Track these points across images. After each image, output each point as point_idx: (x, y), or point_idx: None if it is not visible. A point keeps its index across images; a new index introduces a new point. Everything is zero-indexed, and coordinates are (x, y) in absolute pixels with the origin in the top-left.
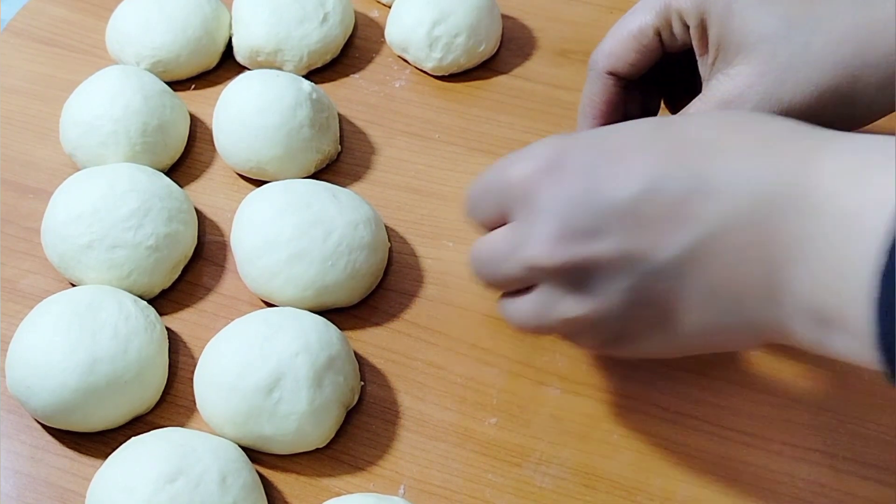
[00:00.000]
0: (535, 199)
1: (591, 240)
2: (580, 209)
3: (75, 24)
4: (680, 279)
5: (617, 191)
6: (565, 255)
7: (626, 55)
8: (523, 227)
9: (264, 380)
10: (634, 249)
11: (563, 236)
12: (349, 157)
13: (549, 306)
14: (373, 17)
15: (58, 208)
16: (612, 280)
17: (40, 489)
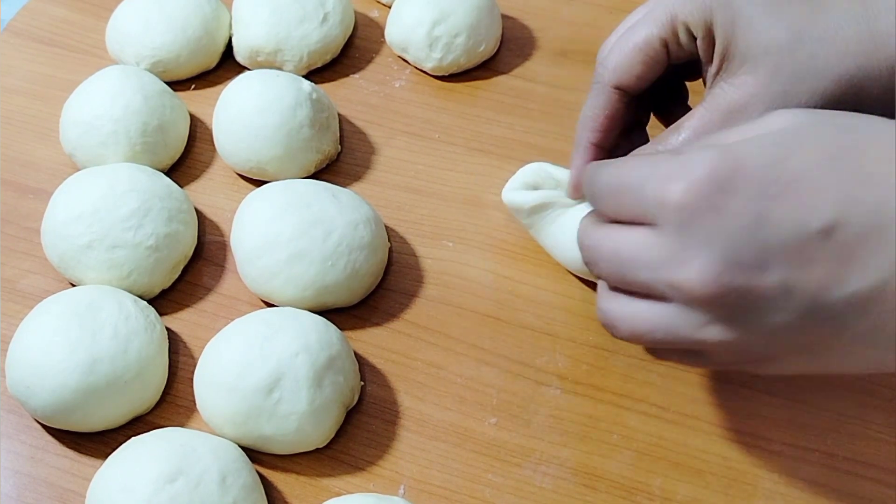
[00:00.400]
0: (696, 223)
1: (753, 274)
2: (747, 242)
3: (75, 24)
4: (843, 320)
5: (789, 227)
6: (723, 287)
7: (632, 68)
8: (675, 246)
9: (264, 380)
10: (800, 287)
11: (723, 268)
12: (349, 157)
13: (686, 327)
14: (373, 17)
15: (58, 208)
16: (769, 314)
17: (40, 489)
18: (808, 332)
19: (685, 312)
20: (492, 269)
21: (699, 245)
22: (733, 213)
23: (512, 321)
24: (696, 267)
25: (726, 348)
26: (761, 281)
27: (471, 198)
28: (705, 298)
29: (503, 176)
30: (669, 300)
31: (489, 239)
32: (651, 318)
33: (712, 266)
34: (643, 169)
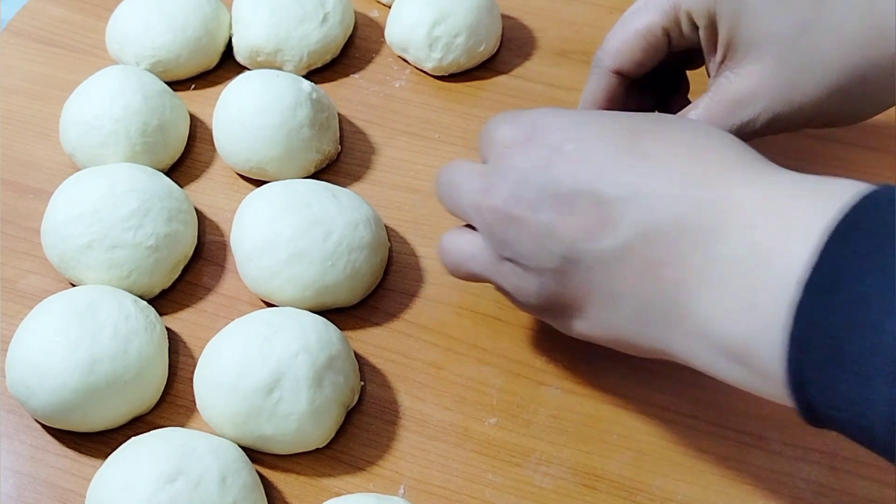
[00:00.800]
0: (504, 160)
1: (528, 208)
2: (532, 183)
3: (75, 24)
4: (590, 274)
5: (560, 179)
6: (505, 213)
7: (632, 54)
8: (490, 177)
9: (264, 380)
10: (559, 231)
11: (509, 198)
12: (349, 157)
13: (487, 259)
14: (373, 17)
15: (58, 208)
16: (536, 252)
17: (40, 489)
18: (567, 283)
19: (486, 243)
20: None
21: (501, 177)
22: (532, 157)
23: (512, 321)
24: (492, 192)
25: (515, 286)
26: (531, 216)
27: None
28: (491, 219)
29: None
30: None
31: None
32: (472, 247)
33: (501, 193)
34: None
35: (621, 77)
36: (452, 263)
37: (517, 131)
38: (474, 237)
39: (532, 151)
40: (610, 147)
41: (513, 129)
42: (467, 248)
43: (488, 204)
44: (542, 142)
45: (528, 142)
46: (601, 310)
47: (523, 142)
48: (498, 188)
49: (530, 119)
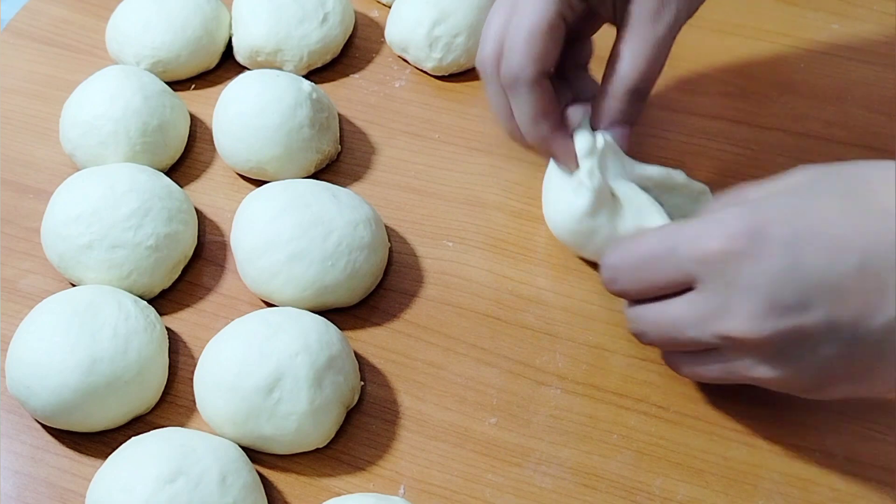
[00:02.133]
0: (736, 273)
1: (797, 314)
2: (786, 285)
3: (75, 24)
4: (883, 345)
5: (822, 268)
6: (771, 329)
7: (546, 53)
8: (718, 299)
9: (264, 380)
10: (841, 320)
11: (769, 311)
12: (349, 157)
13: (740, 368)
14: (373, 17)
15: (58, 208)
16: (817, 348)
17: (40, 489)
18: (853, 361)
19: (737, 357)
20: (492, 269)
21: (743, 293)
22: (770, 259)
23: (512, 321)
24: (743, 314)
25: (778, 381)
26: (806, 319)
27: (471, 198)
28: (756, 343)
29: (503, 176)
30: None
31: (489, 239)
32: (711, 367)
33: (759, 311)
34: (667, 237)
35: (545, 76)
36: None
37: (734, 241)
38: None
39: (763, 253)
40: (845, 217)
41: (728, 241)
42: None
43: (744, 327)
44: (769, 241)
45: (753, 246)
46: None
47: (748, 248)
48: (747, 308)
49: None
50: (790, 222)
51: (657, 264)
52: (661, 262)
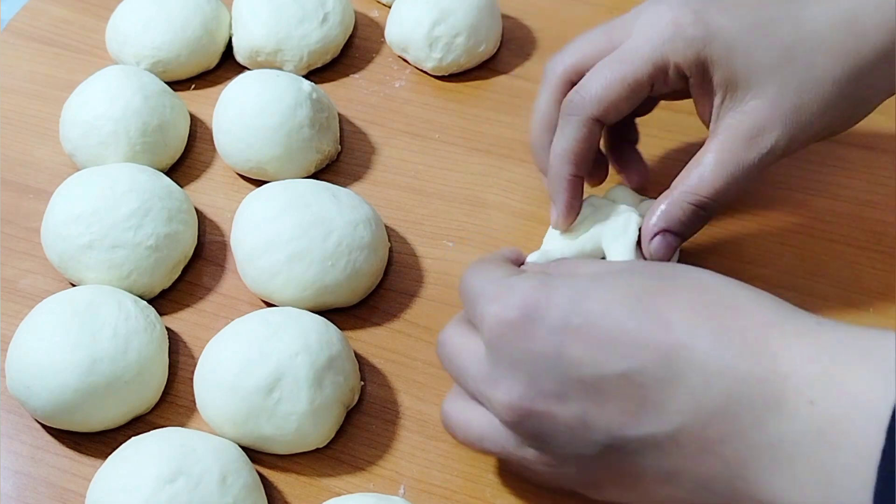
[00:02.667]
0: (508, 346)
1: (553, 402)
2: (547, 371)
3: (75, 24)
4: (639, 457)
5: (586, 364)
6: (524, 411)
7: (618, 103)
8: (491, 364)
9: (264, 380)
10: (597, 421)
11: (527, 391)
12: (349, 157)
13: (508, 441)
14: (373, 17)
15: (58, 208)
16: (572, 443)
17: (40, 489)
18: (612, 465)
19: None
20: None
21: (507, 367)
22: (538, 341)
23: None
24: (503, 388)
25: (546, 470)
26: (560, 410)
27: (471, 198)
28: (511, 419)
29: (503, 176)
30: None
31: (489, 239)
32: (481, 427)
33: (515, 390)
34: (481, 284)
35: (600, 125)
36: (461, 438)
37: (508, 312)
38: (484, 414)
39: (533, 335)
40: (624, 316)
41: (503, 310)
42: (475, 428)
43: (503, 401)
44: (541, 322)
45: (525, 324)
46: (658, 486)
47: (519, 325)
48: (509, 383)
49: (519, 297)
50: (569, 309)
51: (466, 303)
52: (467, 304)
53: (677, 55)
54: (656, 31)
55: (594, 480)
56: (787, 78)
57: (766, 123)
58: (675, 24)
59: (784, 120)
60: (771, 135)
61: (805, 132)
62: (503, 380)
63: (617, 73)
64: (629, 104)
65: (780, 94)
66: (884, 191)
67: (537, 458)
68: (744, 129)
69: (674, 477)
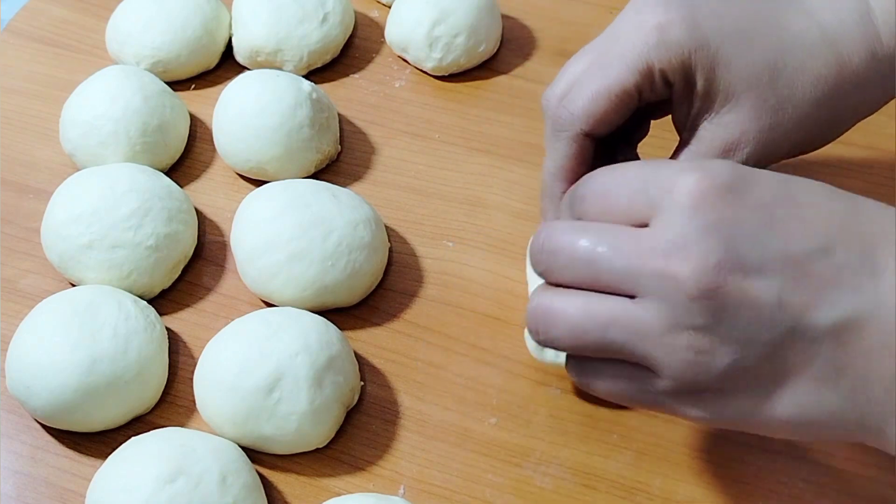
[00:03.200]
0: (707, 212)
1: (752, 276)
2: (752, 242)
3: (75, 24)
4: (817, 347)
5: (793, 239)
6: (718, 282)
7: (605, 115)
8: (676, 233)
9: (264, 380)
10: (792, 302)
11: (724, 262)
12: (349, 157)
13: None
14: (373, 17)
15: (58, 208)
16: (751, 325)
17: (40, 489)
18: (778, 357)
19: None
20: (492, 269)
21: (705, 233)
22: (746, 213)
23: (512, 321)
24: (697, 255)
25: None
26: (756, 284)
27: (471, 198)
28: (700, 290)
29: (503, 176)
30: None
31: (489, 239)
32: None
33: (714, 254)
34: (646, 170)
35: (591, 139)
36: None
37: (716, 177)
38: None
39: (742, 202)
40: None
41: (707, 176)
42: (602, 314)
43: (696, 268)
44: (750, 194)
45: (734, 190)
46: (814, 386)
47: (727, 190)
48: (707, 247)
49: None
50: (778, 187)
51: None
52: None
53: (662, 61)
54: (640, 38)
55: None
56: (766, 94)
57: (741, 139)
58: (660, 29)
59: (758, 136)
60: (743, 151)
61: (775, 151)
62: (698, 244)
63: (602, 84)
64: (619, 115)
65: (758, 111)
66: (884, 191)
67: (689, 343)
68: (717, 142)
69: (839, 374)
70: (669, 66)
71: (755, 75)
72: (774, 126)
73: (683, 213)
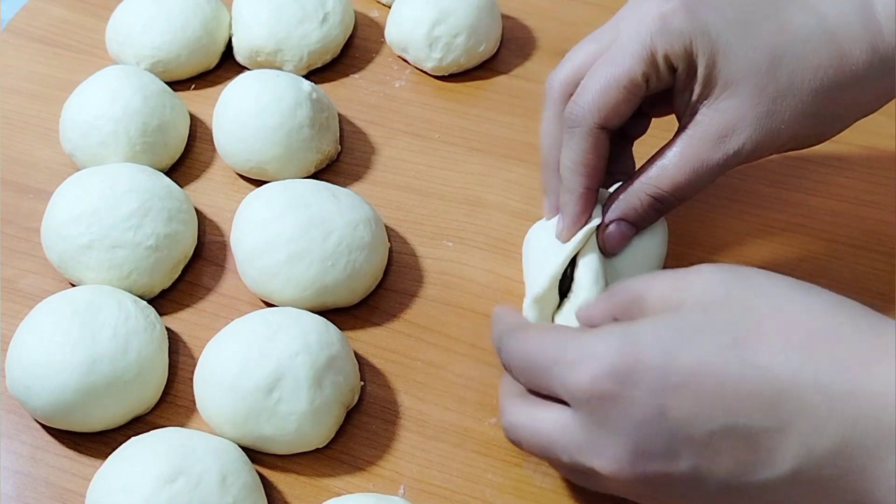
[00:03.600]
0: (604, 414)
1: (664, 462)
2: (652, 433)
3: (75, 24)
4: (755, 500)
5: (691, 421)
6: (637, 473)
7: (617, 106)
8: (587, 434)
9: (264, 380)
10: (710, 474)
11: (634, 457)
12: (349, 157)
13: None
14: (373, 17)
15: (58, 208)
16: (686, 494)
17: (40, 489)
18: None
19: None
20: (492, 269)
21: (610, 434)
22: (637, 405)
23: None
24: (610, 455)
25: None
26: (673, 468)
27: (471, 198)
28: (622, 483)
29: (503, 176)
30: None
31: (489, 239)
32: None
33: (624, 455)
34: (549, 351)
35: (606, 131)
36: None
37: (599, 382)
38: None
39: (632, 400)
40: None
41: (592, 380)
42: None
43: (612, 470)
44: (636, 386)
45: (621, 391)
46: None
47: (615, 393)
48: (614, 451)
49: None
50: (661, 366)
51: (534, 373)
52: (537, 374)
53: (665, 47)
54: (643, 27)
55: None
56: (765, 82)
57: (737, 125)
58: (662, 18)
59: (756, 124)
60: (739, 137)
61: (773, 140)
62: (606, 448)
63: (610, 76)
64: (629, 105)
65: (756, 97)
66: (884, 191)
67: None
68: (714, 127)
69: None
70: (673, 52)
71: (754, 63)
72: (772, 114)
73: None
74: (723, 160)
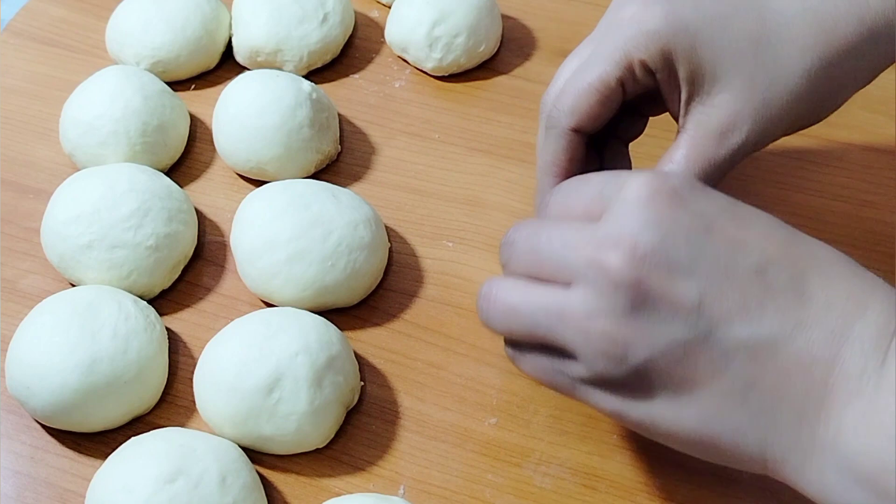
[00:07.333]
0: (647, 210)
1: (677, 275)
2: (686, 243)
3: (75, 24)
4: (730, 359)
5: (727, 250)
6: (642, 273)
7: (590, 109)
8: (613, 227)
9: (264, 380)
10: (712, 309)
11: (652, 256)
12: (349, 157)
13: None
14: (373, 17)
15: (57, 208)
16: (666, 323)
17: (40, 489)
18: (690, 362)
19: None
20: (492, 269)
21: (641, 228)
22: (686, 216)
23: None
24: (627, 246)
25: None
26: (680, 284)
27: (471, 198)
28: (620, 279)
29: (503, 176)
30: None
31: (489, 239)
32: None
33: (644, 248)
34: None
35: (580, 134)
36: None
37: (662, 182)
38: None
39: (684, 206)
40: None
41: (654, 180)
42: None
43: (619, 256)
44: (693, 202)
45: (678, 196)
46: (722, 399)
47: (671, 199)
48: (635, 239)
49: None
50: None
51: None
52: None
53: (640, 51)
54: (619, 31)
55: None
56: (754, 71)
57: (736, 118)
58: (637, 20)
59: (754, 115)
60: (741, 130)
61: (775, 126)
62: (632, 236)
63: (584, 80)
64: (605, 109)
65: (749, 88)
66: (884, 191)
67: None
68: (713, 125)
69: (748, 390)
70: (649, 56)
71: (738, 53)
72: (768, 102)
73: (626, 208)
74: (729, 156)
